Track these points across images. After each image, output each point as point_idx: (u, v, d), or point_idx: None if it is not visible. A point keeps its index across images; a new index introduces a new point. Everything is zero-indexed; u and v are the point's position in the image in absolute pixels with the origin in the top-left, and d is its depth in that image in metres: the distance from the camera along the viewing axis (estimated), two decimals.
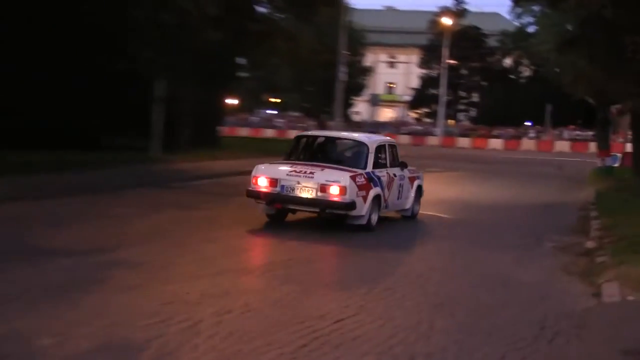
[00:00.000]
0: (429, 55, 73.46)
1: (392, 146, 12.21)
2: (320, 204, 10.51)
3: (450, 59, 60.46)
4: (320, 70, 46.84)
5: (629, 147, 27.86)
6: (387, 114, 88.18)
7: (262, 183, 10.85)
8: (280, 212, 11.15)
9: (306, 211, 10.98)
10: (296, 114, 73.61)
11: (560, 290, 7.86)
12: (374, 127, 58.97)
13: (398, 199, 12.17)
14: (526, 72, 76.22)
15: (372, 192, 10.86)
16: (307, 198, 10.54)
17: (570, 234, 12.00)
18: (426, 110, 75.35)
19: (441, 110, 58.64)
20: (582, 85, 22.89)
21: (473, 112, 77.97)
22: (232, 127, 58.15)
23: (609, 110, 24.74)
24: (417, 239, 11.29)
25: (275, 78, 61.92)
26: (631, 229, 10.93)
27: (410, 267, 8.64)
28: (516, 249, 10.40)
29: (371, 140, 11.81)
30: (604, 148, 24.28)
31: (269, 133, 60.48)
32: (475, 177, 23.86)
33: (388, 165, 11.77)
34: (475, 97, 77.21)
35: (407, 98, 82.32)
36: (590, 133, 54.88)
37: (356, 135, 12.85)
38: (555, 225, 13.11)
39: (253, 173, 11.04)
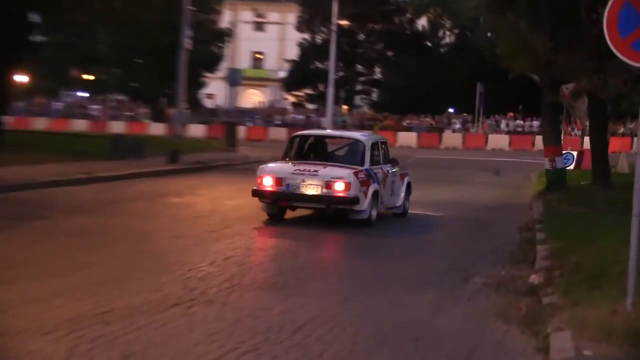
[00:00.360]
0: (312, 12, 74.20)
1: (384, 143, 17.23)
2: (326, 200, 15.12)
3: (342, 19, 61.22)
4: (154, 35, 46.40)
5: (587, 143, 28.78)
6: (253, 98, 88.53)
7: (268, 182, 15.43)
8: (281, 210, 15.83)
9: (311, 207, 15.85)
10: (120, 97, 72.69)
11: (494, 344, 8.09)
12: (235, 116, 58.84)
13: (391, 195, 16.96)
14: (448, 38, 78.54)
15: (372, 188, 15.54)
16: (312, 195, 15.16)
17: (508, 265, 12.38)
18: (309, 92, 76.22)
19: (330, 91, 59.31)
20: (524, 57, 23.55)
21: (375, 95, 79.49)
22: (23, 117, 56.80)
23: (559, 91, 25.60)
24: (295, 277, 11.31)
25: (89, 45, 60.88)
26: (589, 256, 11.40)
27: (286, 317, 8.66)
28: (435, 288, 10.64)
29: (366, 137, 16.89)
30: (554, 144, 24.90)
31: (80, 125, 59.41)
32: None
33: (381, 162, 16.59)
34: (377, 74, 78.72)
35: (282, 75, 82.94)
36: (536, 123, 57.20)
37: (351, 134, 19.40)
38: (489, 253, 13.51)
39: (258, 173, 15.72)
